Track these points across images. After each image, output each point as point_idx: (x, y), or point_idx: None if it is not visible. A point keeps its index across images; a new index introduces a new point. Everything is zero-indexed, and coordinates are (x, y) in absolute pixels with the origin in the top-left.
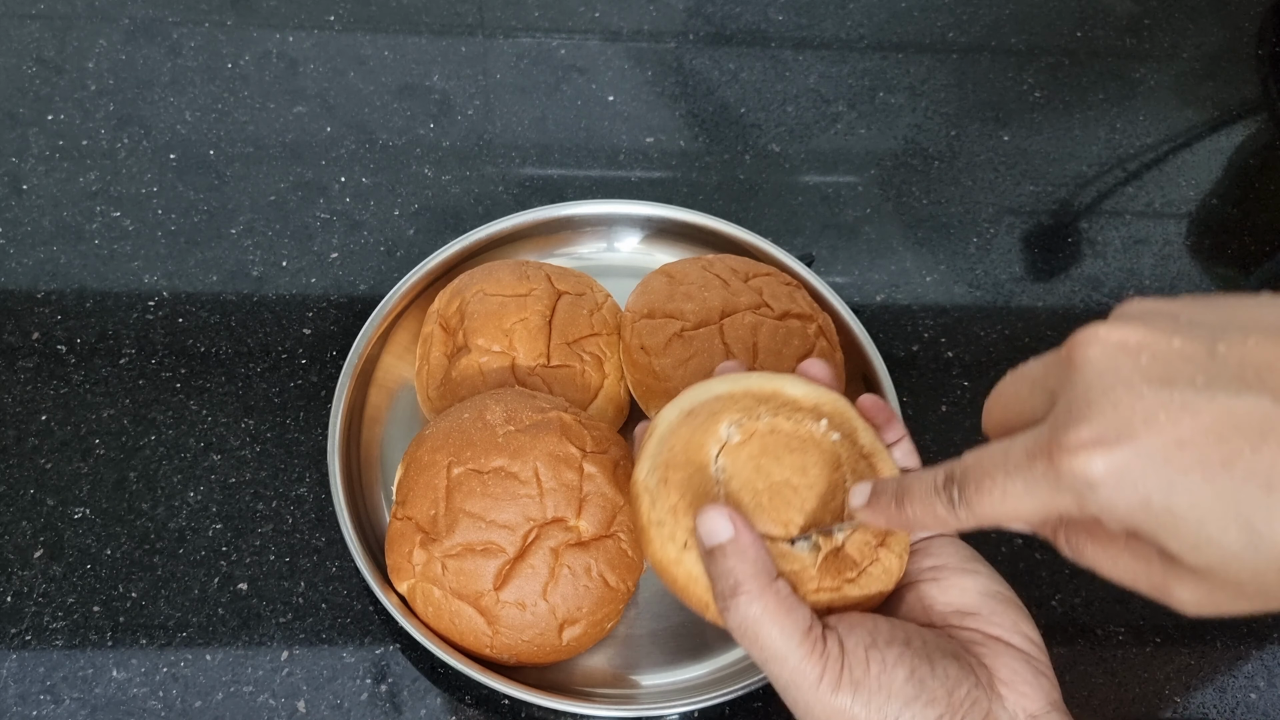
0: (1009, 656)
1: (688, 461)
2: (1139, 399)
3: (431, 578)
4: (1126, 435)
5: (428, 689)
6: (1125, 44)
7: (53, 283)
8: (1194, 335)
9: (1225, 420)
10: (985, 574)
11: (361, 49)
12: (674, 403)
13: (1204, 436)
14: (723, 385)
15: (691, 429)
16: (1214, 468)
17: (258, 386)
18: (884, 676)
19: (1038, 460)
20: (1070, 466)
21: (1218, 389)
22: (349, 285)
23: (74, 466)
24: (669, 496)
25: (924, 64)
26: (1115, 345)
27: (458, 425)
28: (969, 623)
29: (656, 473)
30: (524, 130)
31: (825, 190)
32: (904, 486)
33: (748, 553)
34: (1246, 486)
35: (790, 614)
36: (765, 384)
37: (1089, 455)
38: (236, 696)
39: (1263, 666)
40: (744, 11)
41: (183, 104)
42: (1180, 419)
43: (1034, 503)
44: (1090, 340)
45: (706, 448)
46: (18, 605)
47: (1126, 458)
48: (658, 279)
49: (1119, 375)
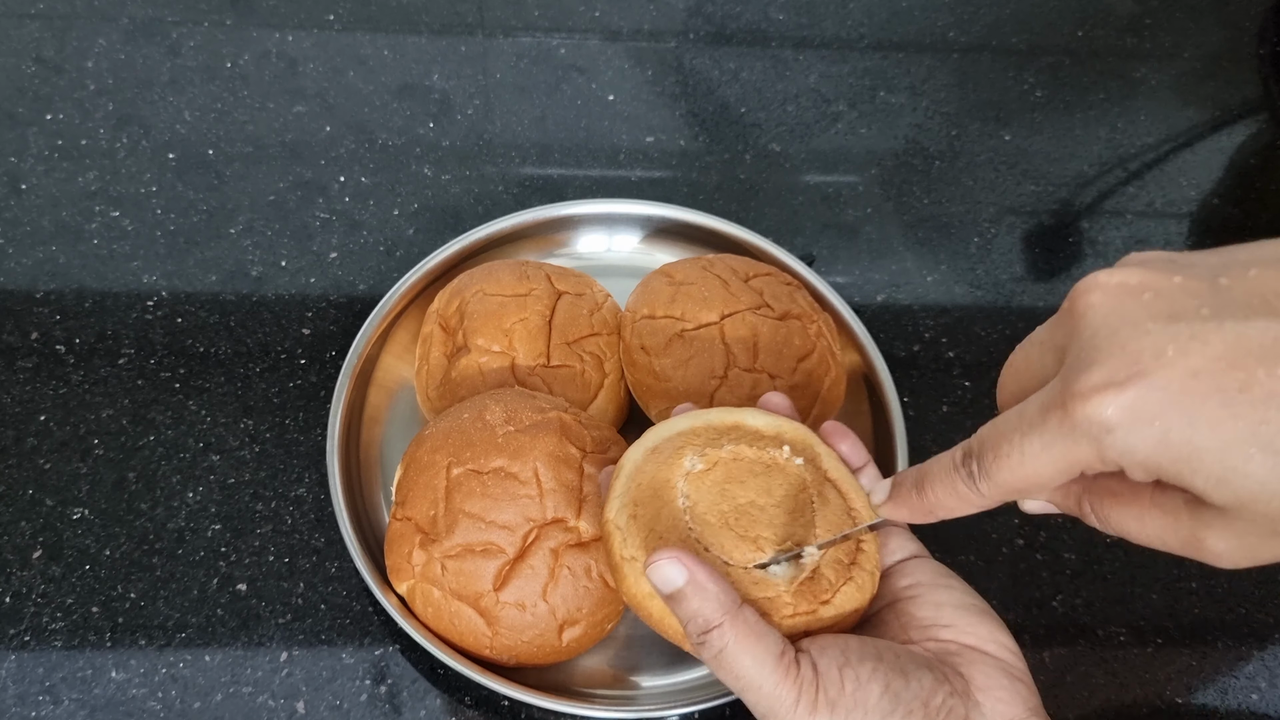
0: (984, 664)
1: (654, 496)
2: (1146, 335)
3: (431, 578)
4: (1137, 373)
5: (427, 690)
6: (1126, 43)
7: (52, 282)
8: (1195, 273)
9: (1236, 346)
10: (959, 589)
11: (361, 48)
12: (638, 443)
13: (1216, 364)
14: (684, 422)
15: (656, 465)
16: (1230, 393)
17: (257, 387)
18: (859, 693)
19: (1052, 413)
20: (1085, 413)
21: (1225, 317)
22: (348, 285)
23: (73, 467)
24: (638, 532)
25: (925, 63)
26: (1116, 288)
27: (457, 425)
28: (944, 634)
29: (625, 510)
30: (524, 130)
31: (826, 190)
32: (924, 471)
33: (708, 588)
34: (1265, 409)
35: (761, 640)
36: (726, 417)
37: (1102, 398)
38: (236, 697)
39: (1264, 667)
40: (744, 11)
41: (182, 104)
42: (1190, 350)
43: (1053, 459)
44: (1091, 287)
45: (672, 481)
46: (17, 606)
47: (1140, 395)
48: (658, 279)
49: (1124, 316)
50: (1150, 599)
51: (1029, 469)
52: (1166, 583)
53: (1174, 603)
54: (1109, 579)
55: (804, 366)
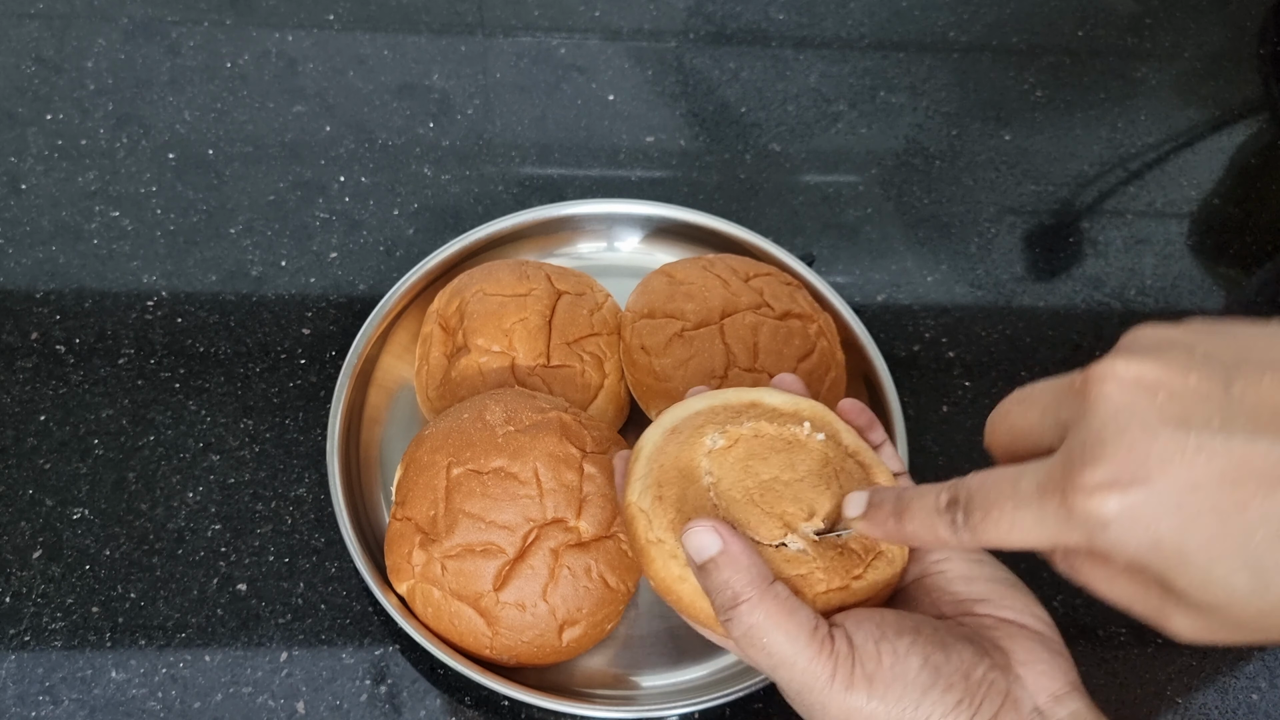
0: (1024, 638)
1: (679, 476)
2: (1155, 440)
3: (431, 578)
4: (1141, 477)
5: (427, 690)
6: (1127, 43)
7: (51, 282)
8: (1209, 372)
9: (1239, 465)
10: (990, 562)
11: (361, 48)
12: (655, 424)
13: (1218, 480)
14: (701, 402)
15: (678, 445)
16: (1227, 512)
17: (257, 387)
18: (898, 667)
19: (1050, 496)
20: (1084, 506)
21: (1233, 431)
22: (348, 285)
23: (73, 467)
24: (665, 513)
25: (925, 63)
26: (1132, 383)
27: (457, 425)
28: (980, 609)
29: (649, 492)
30: (524, 130)
31: (826, 190)
32: (904, 502)
33: (740, 560)
34: (1258, 532)
35: (793, 616)
36: (743, 396)
37: (1104, 496)
38: (236, 697)
39: (1264, 668)
40: (744, 10)
41: (182, 103)
42: (1195, 462)
43: (1042, 534)
44: (1107, 376)
45: (695, 460)
46: (16, 606)
47: (1141, 499)
48: (658, 279)
49: (1134, 414)
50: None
51: (1015, 537)
52: None
53: None
54: None
55: (804, 366)
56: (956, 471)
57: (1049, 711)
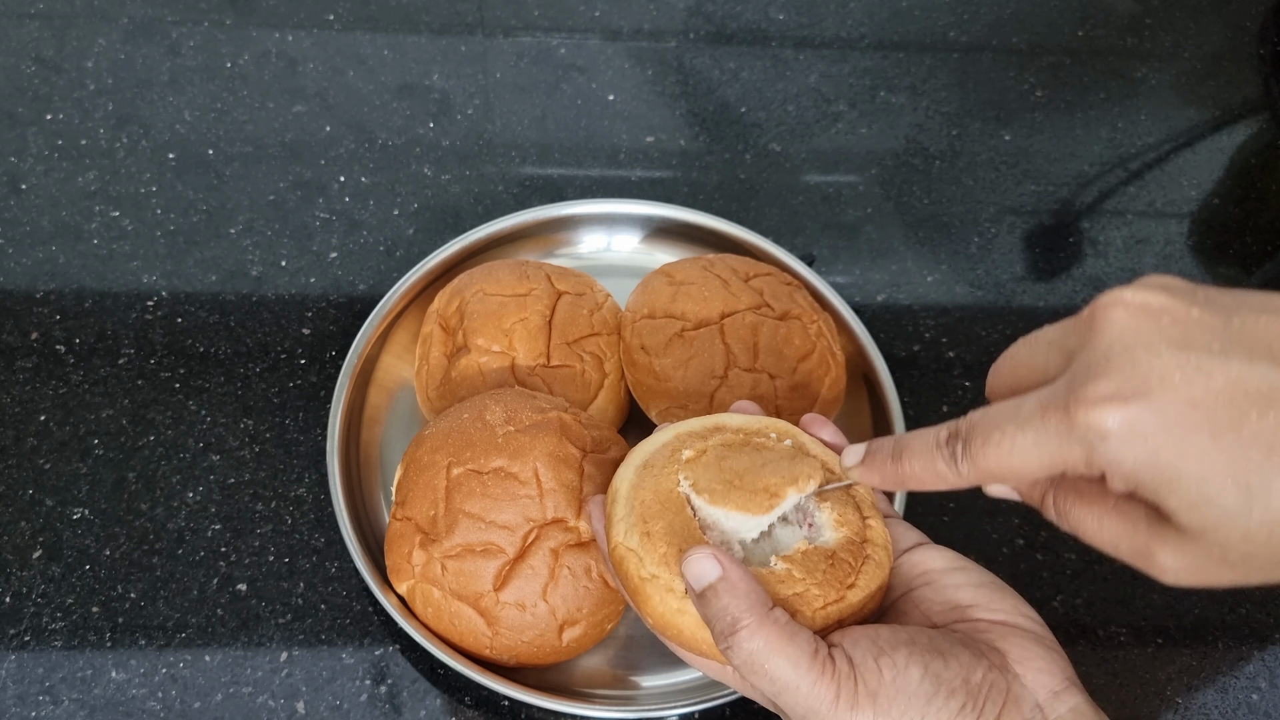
0: (1018, 637)
1: (662, 508)
2: (1157, 359)
3: (431, 578)
4: (1143, 392)
5: (427, 690)
6: (1127, 43)
7: (51, 282)
8: (1212, 308)
9: (1236, 386)
10: (974, 569)
11: (361, 48)
12: (624, 464)
13: (1215, 399)
14: (666, 434)
15: (654, 477)
16: (1222, 429)
17: (257, 387)
18: (899, 680)
19: (1052, 412)
20: (1086, 418)
21: (1232, 356)
22: (348, 285)
23: (73, 467)
24: (656, 548)
25: (925, 63)
26: (1138, 308)
27: (457, 425)
28: (971, 614)
29: (635, 530)
30: (524, 129)
31: (826, 190)
32: (903, 443)
33: (739, 586)
34: (1250, 449)
35: (793, 640)
36: (705, 422)
37: (1105, 408)
38: (236, 697)
39: (1264, 667)
40: (745, 10)
41: (182, 103)
42: (1194, 381)
43: (1041, 456)
44: (1115, 302)
45: (673, 484)
46: (16, 606)
47: (1141, 413)
48: (658, 279)
49: (1139, 336)
50: (1151, 599)
51: (1015, 461)
52: None
53: (1174, 603)
54: (1109, 579)
55: (804, 366)
56: None
57: (1049, 707)
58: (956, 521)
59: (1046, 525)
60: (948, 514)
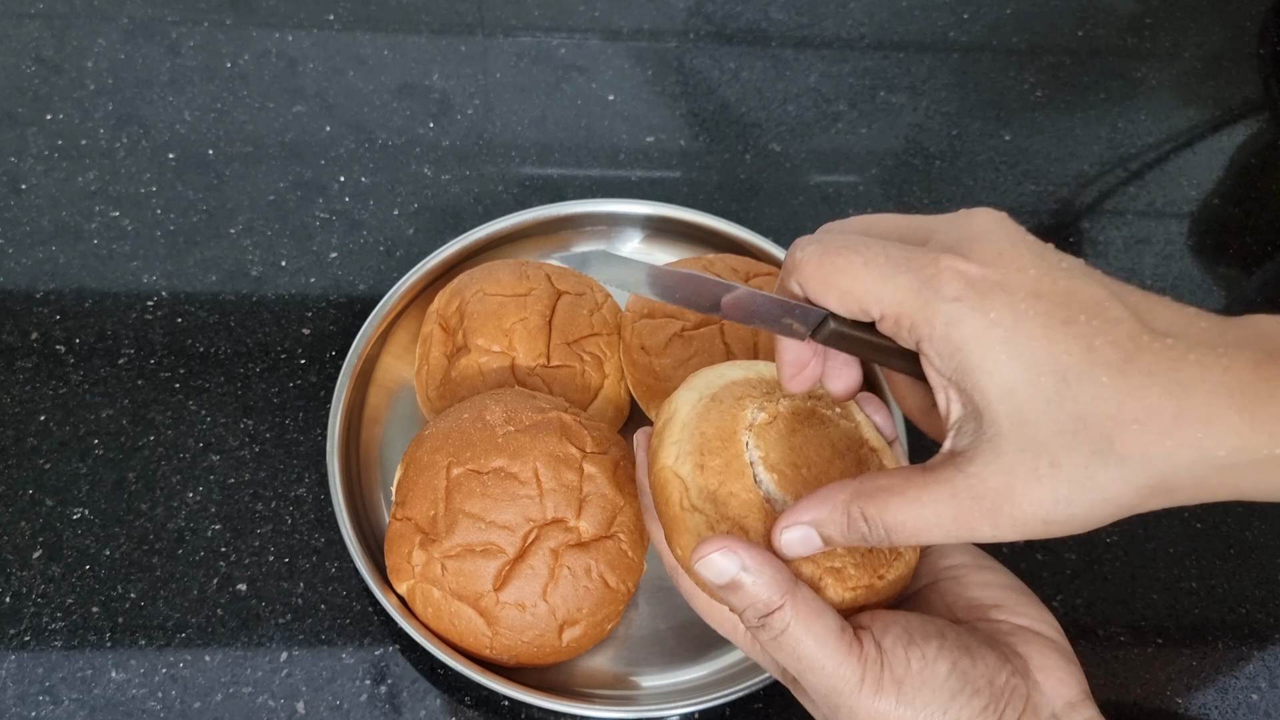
0: (1040, 645)
1: (722, 446)
2: (1019, 255)
3: (431, 578)
4: (999, 274)
5: (427, 690)
6: (1127, 43)
7: (51, 282)
8: None
9: (1073, 293)
10: (1001, 569)
11: (361, 48)
12: (687, 387)
13: (1055, 297)
14: (736, 371)
15: (720, 413)
16: (1054, 322)
17: (257, 387)
18: (926, 672)
19: (918, 261)
20: (943, 282)
21: (1075, 273)
22: (348, 285)
23: (73, 467)
24: (708, 482)
25: (925, 63)
26: (1003, 217)
27: (457, 425)
28: (995, 614)
29: (689, 459)
30: (524, 130)
31: (826, 190)
32: None
33: (763, 572)
34: (1073, 343)
35: (820, 619)
36: (767, 373)
37: (964, 271)
38: (236, 698)
39: (1264, 668)
40: (744, 10)
41: (182, 103)
42: (1043, 279)
43: (887, 291)
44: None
45: (738, 431)
46: (16, 606)
47: (991, 286)
48: None
49: (1007, 233)
50: (1150, 599)
51: (859, 289)
52: (1167, 583)
53: (1174, 603)
54: (1109, 579)
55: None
56: None
57: (1065, 718)
58: None
59: None
60: None
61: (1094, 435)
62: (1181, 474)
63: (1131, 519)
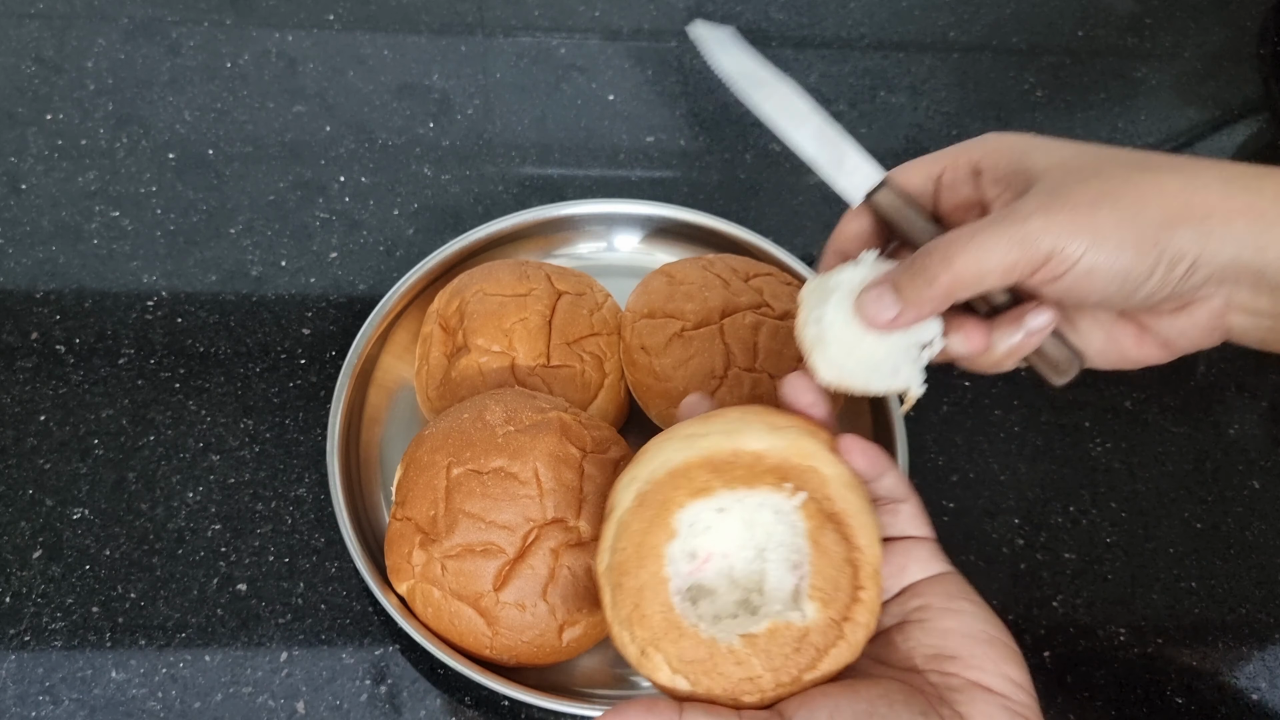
0: (985, 702)
1: (640, 566)
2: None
3: (431, 578)
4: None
5: (427, 690)
6: (1127, 43)
7: (51, 282)
8: None
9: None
10: (969, 612)
11: (361, 48)
12: (630, 472)
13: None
14: (678, 451)
15: (645, 522)
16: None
17: (257, 387)
18: None
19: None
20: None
21: None
22: (348, 285)
23: (73, 467)
24: (623, 606)
25: (925, 63)
26: None
27: (457, 425)
28: (949, 667)
29: (612, 573)
30: (524, 130)
31: (826, 190)
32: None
33: None
34: (1103, 149)
35: None
36: (724, 444)
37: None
38: (236, 697)
39: (1264, 667)
40: (744, 10)
41: (182, 103)
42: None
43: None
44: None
45: (659, 549)
46: (16, 606)
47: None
48: (658, 279)
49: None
50: (1150, 599)
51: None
52: (1166, 583)
53: (1174, 603)
54: (1109, 579)
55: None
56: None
57: None
58: (956, 522)
59: (1046, 526)
60: (947, 514)
61: (1110, 191)
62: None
63: (1132, 519)
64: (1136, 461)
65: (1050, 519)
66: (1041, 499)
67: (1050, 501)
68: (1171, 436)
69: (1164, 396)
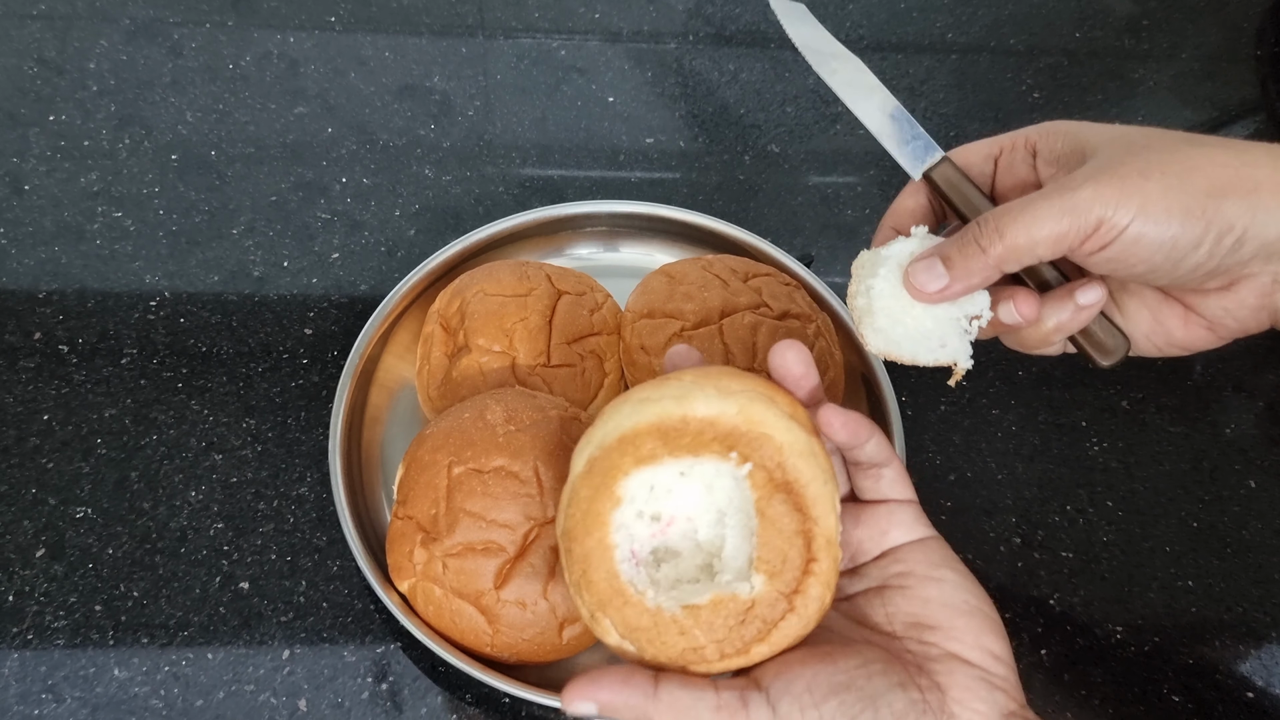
0: (963, 674)
1: (586, 534)
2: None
3: (432, 577)
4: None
5: (429, 688)
6: (1124, 44)
7: (54, 283)
8: None
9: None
10: (952, 581)
11: (362, 49)
12: (588, 434)
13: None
14: (629, 416)
15: (592, 489)
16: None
17: (259, 386)
18: None
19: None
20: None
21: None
22: (350, 285)
23: (75, 466)
24: (575, 568)
25: (923, 64)
26: None
27: (458, 425)
28: (928, 637)
29: (565, 538)
30: (524, 131)
31: (825, 190)
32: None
33: (618, 703)
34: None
35: (694, 706)
36: (673, 410)
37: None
38: (238, 695)
39: (1261, 665)
40: (744, 12)
41: (184, 104)
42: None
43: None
44: None
45: (604, 516)
46: (19, 604)
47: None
48: (658, 279)
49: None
50: (1148, 597)
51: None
52: (1164, 581)
53: (1171, 601)
54: (1107, 578)
55: None
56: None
57: None
58: (954, 520)
59: (1044, 524)
60: (945, 513)
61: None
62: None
63: (1129, 518)
64: (1134, 461)
65: (1048, 518)
66: (1039, 498)
67: (1048, 500)
68: (1169, 436)
69: (1161, 396)
